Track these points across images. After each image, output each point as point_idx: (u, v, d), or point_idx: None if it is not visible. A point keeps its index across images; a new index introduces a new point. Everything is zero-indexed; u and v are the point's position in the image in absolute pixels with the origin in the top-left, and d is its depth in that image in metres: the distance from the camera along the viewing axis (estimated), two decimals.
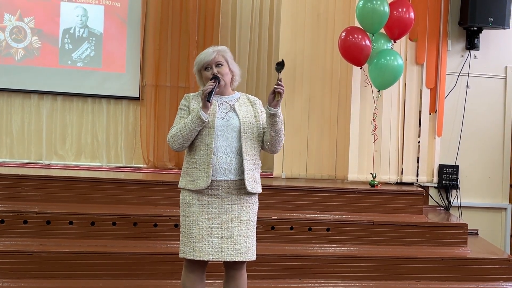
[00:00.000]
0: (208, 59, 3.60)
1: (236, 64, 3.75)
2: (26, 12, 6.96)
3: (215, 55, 3.61)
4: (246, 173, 3.52)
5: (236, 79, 3.72)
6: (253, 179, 3.57)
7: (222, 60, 3.62)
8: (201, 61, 3.63)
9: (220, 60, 3.61)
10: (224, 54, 3.65)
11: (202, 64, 3.63)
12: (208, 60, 3.60)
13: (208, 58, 3.60)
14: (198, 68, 3.67)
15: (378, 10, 5.65)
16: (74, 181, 5.24)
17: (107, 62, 7.13)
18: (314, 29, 6.41)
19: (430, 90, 6.43)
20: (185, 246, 3.57)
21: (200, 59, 3.65)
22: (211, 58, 3.60)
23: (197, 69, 3.68)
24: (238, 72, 3.73)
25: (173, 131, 3.58)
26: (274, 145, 3.64)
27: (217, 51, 3.63)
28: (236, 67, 3.72)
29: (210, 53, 3.62)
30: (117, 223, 4.96)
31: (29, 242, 4.76)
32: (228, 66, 3.65)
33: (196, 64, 3.68)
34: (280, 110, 3.55)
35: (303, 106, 6.38)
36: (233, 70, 3.68)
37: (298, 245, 5.17)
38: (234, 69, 3.69)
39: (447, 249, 5.33)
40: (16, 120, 6.99)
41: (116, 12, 7.13)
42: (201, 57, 3.66)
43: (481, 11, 6.28)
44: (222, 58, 3.62)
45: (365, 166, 6.24)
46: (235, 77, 3.71)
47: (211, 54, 3.61)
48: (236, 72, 3.70)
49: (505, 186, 6.65)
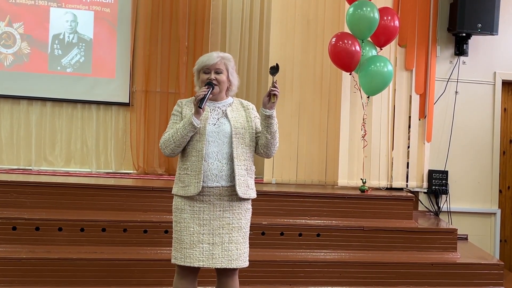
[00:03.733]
0: (209, 63, 3.58)
1: (236, 75, 3.72)
2: (15, 17, 6.94)
3: (217, 61, 3.59)
4: (238, 179, 3.51)
5: (233, 89, 3.70)
6: (245, 185, 3.56)
7: (222, 68, 3.60)
8: (202, 63, 3.61)
9: (220, 67, 3.59)
10: (227, 63, 3.62)
11: (202, 66, 3.61)
12: (208, 64, 3.59)
13: (209, 62, 3.59)
14: (197, 68, 3.65)
15: (368, 17, 5.67)
16: (63, 187, 5.23)
17: (96, 67, 7.11)
18: (304, 35, 6.44)
19: (419, 95, 6.46)
20: (176, 252, 3.56)
21: (202, 61, 3.63)
22: (212, 63, 3.58)
23: (196, 69, 3.66)
24: (236, 83, 3.70)
25: (165, 136, 3.58)
26: (269, 149, 3.64)
27: (220, 57, 3.61)
28: (236, 78, 3.70)
29: (213, 57, 3.60)
30: (106, 229, 4.94)
31: (18, 249, 4.74)
32: (227, 75, 3.63)
33: (197, 64, 3.65)
34: (275, 112, 3.55)
35: (293, 111, 6.40)
36: (231, 80, 3.66)
37: (288, 250, 5.18)
38: (232, 79, 3.67)
39: (437, 254, 5.35)
40: (5, 126, 6.95)
41: (106, 17, 7.12)
42: (203, 59, 3.64)
43: (470, 17, 6.32)
44: (223, 65, 3.60)
45: (355, 171, 6.27)
46: (232, 87, 3.69)
47: (214, 59, 3.59)
48: (234, 83, 3.68)
49: (494, 191, 6.68)
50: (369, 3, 5.72)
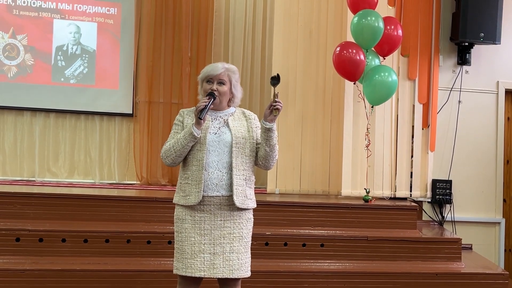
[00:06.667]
0: (213, 74, 3.59)
1: (240, 88, 3.71)
2: (19, 29, 6.96)
3: (221, 72, 3.59)
4: (235, 188, 3.50)
5: (235, 101, 3.70)
6: (242, 195, 3.54)
7: (226, 80, 3.60)
8: (206, 73, 3.62)
9: (223, 78, 3.59)
10: (230, 74, 3.62)
11: (206, 76, 3.61)
12: (212, 74, 3.59)
13: (213, 72, 3.59)
14: (201, 77, 3.65)
15: (372, 26, 5.67)
16: (67, 198, 5.23)
17: (100, 78, 7.12)
18: (306, 45, 6.45)
19: (422, 105, 6.46)
20: (178, 262, 3.55)
21: (206, 70, 3.63)
22: (215, 73, 3.58)
23: (200, 78, 3.66)
24: (239, 96, 3.70)
25: (166, 146, 3.58)
26: (268, 161, 3.63)
27: (225, 68, 3.61)
28: (239, 91, 3.69)
29: (217, 68, 3.60)
30: (110, 240, 4.94)
31: (22, 260, 4.74)
32: (230, 86, 3.62)
33: (202, 73, 3.65)
34: (275, 125, 3.55)
35: (296, 121, 6.40)
36: (234, 92, 3.66)
37: (292, 261, 5.16)
38: (235, 92, 3.67)
39: (441, 264, 5.33)
40: (9, 137, 6.96)
41: (109, 29, 7.14)
42: (208, 68, 3.64)
43: (472, 26, 6.33)
44: (226, 77, 3.60)
45: (358, 181, 6.25)
46: (234, 99, 3.69)
47: (218, 70, 3.59)
48: (236, 95, 3.68)
49: (498, 200, 6.66)
50: (373, 13, 5.72)
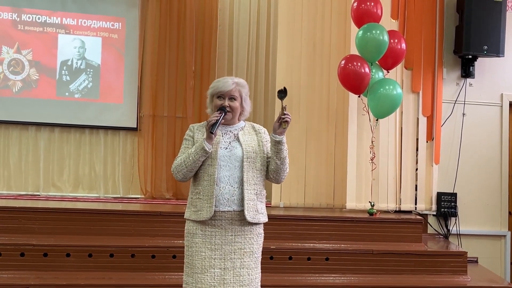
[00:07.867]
0: (224, 90, 3.57)
1: (249, 101, 3.72)
2: (24, 44, 7.01)
3: (232, 88, 3.58)
4: (246, 203, 3.49)
5: (245, 114, 3.71)
6: (254, 209, 3.53)
7: (237, 95, 3.60)
8: (217, 89, 3.60)
9: (235, 94, 3.59)
10: (241, 89, 3.62)
11: (216, 92, 3.60)
12: (223, 90, 3.57)
13: (224, 89, 3.57)
14: (211, 93, 3.64)
15: (377, 40, 5.68)
16: (71, 212, 5.24)
17: (104, 93, 7.16)
18: (310, 59, 6.46)
19: (426, 118, 6.45)
20: (188, 277, 3.53)
21: (216, 86, 3.61)
22: (227, 90, 3.57)
23: (210, 93, 3.65)
24: (248, 110, 3.71)
25: (177, 161, 3.57)
26: (279, 174, 3.62)
27: (236, 84, 3.60)
28: (248, 105, 3.70)
29: (228, 84, 3.59)
30: (114, 255, 4.93)
31: (26, 275, 4.73)
32: (240, 101, 3.63)
33: (211, 89, 3.64)
34: (285, 138, 3.54)
35: (300, 135, 6.40)
36: (244, 106, 3.66)
37: (297, 275, 5.14)
38: (245, 106, 3.67)
39: (447, 278, 5.30)
40: (14, 152, 6.99)
41: (113, 43, 7.19)
42: (218, 84, 3.62)
43: (476, 39, 6.33)
44: (237, 93, 3.59)
45: (363, 194, 6.24)
46: (244, 112, 3.69)
47: (229, 86, 3.58)
48: (246, 109, 3.69)
49: (503, 213, 6.64)
50: (378, 26, 5.74)
